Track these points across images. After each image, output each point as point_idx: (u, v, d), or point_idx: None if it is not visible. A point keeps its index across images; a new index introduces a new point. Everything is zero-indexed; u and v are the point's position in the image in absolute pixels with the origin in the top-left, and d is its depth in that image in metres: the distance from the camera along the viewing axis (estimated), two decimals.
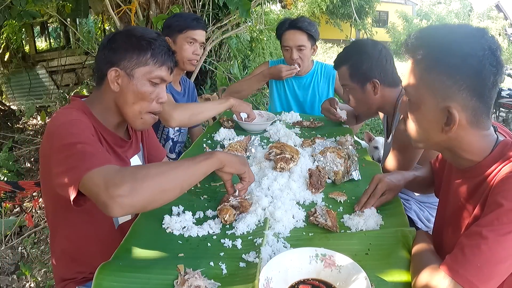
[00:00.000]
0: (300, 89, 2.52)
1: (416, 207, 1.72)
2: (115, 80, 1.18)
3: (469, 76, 0.86)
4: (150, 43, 1.19)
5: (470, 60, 0.85)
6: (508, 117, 6.17)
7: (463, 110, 0.88)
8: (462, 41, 0.88)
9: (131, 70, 1.18)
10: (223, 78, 4.96)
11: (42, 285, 2.36)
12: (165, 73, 1.22)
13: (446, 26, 0.94)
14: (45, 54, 7.35)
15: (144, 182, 0.88)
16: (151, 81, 1.20)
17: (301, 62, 2.33)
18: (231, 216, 1.15)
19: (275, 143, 1.58)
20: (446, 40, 0.89)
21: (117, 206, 0.84)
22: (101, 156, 0.98)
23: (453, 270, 0.81)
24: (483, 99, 0.88)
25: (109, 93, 1.20)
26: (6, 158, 3.91)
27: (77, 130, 1.05)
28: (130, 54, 1.17)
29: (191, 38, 1.99)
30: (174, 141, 2.18)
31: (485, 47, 0.86)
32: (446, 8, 25.43)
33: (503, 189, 0.83)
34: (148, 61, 1.19)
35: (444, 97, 0.89)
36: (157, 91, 1.22)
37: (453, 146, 0.95)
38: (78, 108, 1.20)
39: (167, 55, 1.22)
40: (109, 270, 0.91)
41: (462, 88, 0.87)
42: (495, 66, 0.86)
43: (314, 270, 0.92)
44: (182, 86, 2.21)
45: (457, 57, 0.86)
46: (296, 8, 11.49)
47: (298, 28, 2.27)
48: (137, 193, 0.86)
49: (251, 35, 5.64)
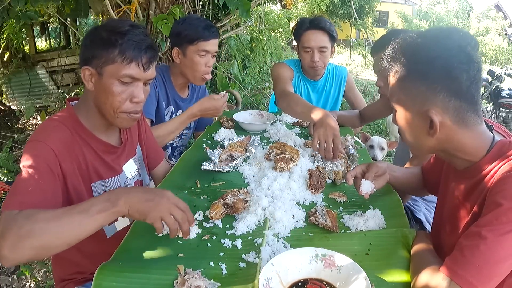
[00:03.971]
0: (314, 93, 2.43)
1: (425, 209, 1.72)
2: (89, 79, 1.13)
3: (440, 78, 0.88)
4: (119, 38, 1.09)
5: (436, 63, 0.87)
6: (508, 117, 6.16)
7: (444, 112, 0.89)
8: (428, 45, 0.90)
9: (100, 69, 1.10)
10: (223, 78, 4.96)
11: (42, 285, 2.36)
12: (135, 70, 1.11)
13: (418, 33, 0.95)
14: (45, 54, 7.33)
15: (27, 239, 0.84)
16: (120, 80, 1.11)
17: (322, 64, 2.21)
18: (218, 214, 1.15)
19: (275, 143, 1.58)
20: (414, 47, 0.92)
21: (3, 259, 0.84)
22: (25, 196, 0.97)
23: (453, 270, 0.81)
24: (463, 97, 0.89)
25: (89, 93, 1.16)
26: (6, 158, 3.90)
27: (33, 154, 1.04)
28: (99, 51, 1.10)
29: (203, 49, 1.82)
30: (173, 147, 2.15)
31: (450, 47, 0.87)
32: (445, 8, 25.43)
33: (502, 188, 0.83)
34: (115, 58, 1.09)
35: (423, 102, 0.91)
36: (129, 91, 1.13)
37: (446, 148, 0.95)
38: (64, 118, 1.16)
39: (137, 50, 1.10)
40: (109, 270, 0.91)
41: (437, 90, 0.88)
42: (465, 63, 0.86)
43: (314, 270, 0.92)
44: (190, 91, 2.11)
45: (424, 62, 0.89)
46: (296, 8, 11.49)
47: (321, 29, 2.13)
48: (18, 250, 0.84)
49: (251, 35, 5.65)
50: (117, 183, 1.29)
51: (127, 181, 1.34)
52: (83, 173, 1.18)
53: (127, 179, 1.34)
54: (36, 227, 0.85)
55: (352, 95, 2.49)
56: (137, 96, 1.15)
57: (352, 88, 2.49)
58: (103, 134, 1.24)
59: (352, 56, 13.96)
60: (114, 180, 1.28)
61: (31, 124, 5.87)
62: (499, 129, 1.04)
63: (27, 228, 0.85)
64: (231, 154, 1.56)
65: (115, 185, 1.28)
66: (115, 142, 1.29)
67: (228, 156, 1.55)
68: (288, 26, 8.52)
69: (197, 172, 1.46)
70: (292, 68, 2.30)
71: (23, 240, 0.84)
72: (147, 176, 1.50)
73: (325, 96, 2.44)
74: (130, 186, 1.24)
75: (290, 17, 9.14)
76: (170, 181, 1.42)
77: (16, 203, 0.94)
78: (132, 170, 1.38)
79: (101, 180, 1.24)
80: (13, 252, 0.84)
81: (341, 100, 2.53)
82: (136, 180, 1.40)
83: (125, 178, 1.33)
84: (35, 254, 0.87)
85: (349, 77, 2.49)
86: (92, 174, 1.21)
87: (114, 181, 1.28)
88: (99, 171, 1.23)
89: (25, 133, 5.44)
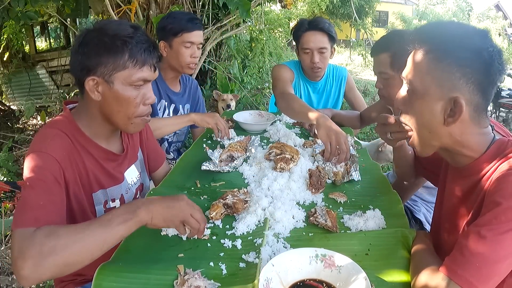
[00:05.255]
0: (314, 94, 2.43)
1: (424, 209, 1.72)
2: (94, 89, 1.08)
3: (479, 70, 0.87)
4: (126, 42, 1.05)
5: (482, 55, 0.86)
6: (508, 117, 6.16)
7: (467, 104, 0.88)
8: (473, 36, 0.89)
9: (109, 76, 1.06)
10: (223, 78, 4.97)
11: (42, 285, 2.36)
12: (148, 73, 1.10)
13: (455, 22, 0.96)
14: (45, 54, 7.34)
15: (49, 257, 0.82)
16: (134, 85, 1.09)
17: (322, 65, 2.21)
18: (218, 215, 1.15)
19: (275, 143, 1.59)
20: (457, 33, 0.90)
21: (23, 279, 0.81)
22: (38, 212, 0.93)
23: (452, 270, 0.80)
24: (485, 95, 0.89)
25: (92, 102, 1.11)
26: (6, 158, 3.91)
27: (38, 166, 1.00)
28: (105, 58, 1.05)
29: (187, 41, 1.89)
30: (169, 142, 2.16)
31: (493, 44, 0.87)
32: (444, 8, 25.46)
33: (501, 187, 0.83)
34: (126, 63, 1.06)
35: (451, 88, 0.88)
36: (142, 93, 1.12)
37: (452, 142, 0.93)
38: (63, 124, 1.12)
39: (147, 52, 1.08)
40: (109, 270, 0.91)
41: (470, 81, 0.87)
42: (501, 64, 0.87)
43: (314, 271, 0.92)
44: (182, 86, 2.14)
45: (469, 50, 0.87)
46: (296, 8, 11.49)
47: (320, 29, 2.13)
48: (40, 269, 0.81)
49: (250, 35, 5.65)
50: (119, 191, 1.27)
51: (129, 187, 1.32)
52: (84, 181, 1.15)
53: (129, 186, 1.32)
54: (59, 244, 0.83)
55: (352, 95, 2.49)
56: (150, 97, 1.14)
57: (352, 89, 2.49)
58: (104, 142, 1.21)
59: (352, 56, 13.95)
60: (115, 189, 1.26)
61: (31, 124, 5.87)
62: (499, 129, 1.04)
63: (50, 245, 0.82)
64: (231, 154, 1.56)
65: (116, 193, 1.26)
66: (116, 149, 1.26)
67: (228, 156, 1.55)
68: (288, 26, 8.52)
69: (197, 172, 1.46)
70: (292, 69, 2.30)
71: (46, 258, 0.81)
72: (147, 179, 1.48)
73: (325, 97, 2.44)
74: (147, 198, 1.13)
75: (290, 17, 9.15)
76: (170, 181, 1.41)
77: (31, 220, 0.90)
78: (134, 176, 1.35)
79: (103, 189, 1.22)
80: (35, 271, 0.81)
81: (341, 100, 2.52)
82: (138, 186, 1.38)
83: (127, 185, 1.31)
84: (57, 272, 0.84)
85: (349, 78, 2.49)
86: (93, 183, 1.18)
87: (115, 189, 1.26)
88: (100, 180, 1.21)
89: (25, 133, 5.44)
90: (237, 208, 1.17)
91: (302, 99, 2.40)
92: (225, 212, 1.18)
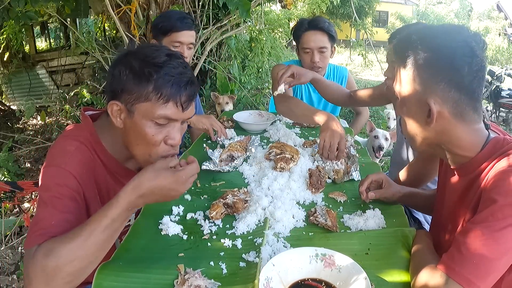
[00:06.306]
0: (315, 93, 2.42)
1: None
2: (117, 115, 0.98)
3: (443, 67, 0.89)
4: (153, 72, 0.92)
5: (441, 52, 0.88)
6: (508, 117, 6.17)
7: (444, 102, 0.90)
8: (436, 35, 0.91)
9: (131, 106, 0.95)
10: (222, 78, 4.97)
11: None
12: (172, 111, 0.95)
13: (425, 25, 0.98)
14: (45, 54, 7.33)
15: (56, 277, 0.80)
16: (155, 121, 0.96)
17: (322, 65, 2.20)
18: (218, 214, 1.15)
19: (275, 143, 1.59)
20: (422, 36, 0.93)
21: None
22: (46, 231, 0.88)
23: (450, 268, 0.81)
24: (463, 90, 0.89)
25: (116, 125, 1.01)
26: (6, 158, 3.91)
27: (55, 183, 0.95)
28: (130, 85, 0.94)
29: (176, 41, 1.85)
30: None
31: (457, 39, 0.88)
32: (446, 8, 25.46)
33: (497, 185, 0.83)
34: (149, 95, 0.93)
35: (424, 90, 0.91)
36: (165, 131, 0.98)
37: (443, 141, 0.95)
38: (84, 137, 1.04)
39: (176, 86, 0.93)
40: (109, 270, 0.91)
41: (438, 80, 0.89)
42: (468, 56, 0.87)
43: (314, 270, 0.92)
44: None
45: (430, 50, 0.90)
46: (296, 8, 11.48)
47: (320, 29, 2.14)
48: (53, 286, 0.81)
49: (250, 35, 5.65)
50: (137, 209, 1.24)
51: None
52: (103, 199, 1.09)
53: None
54: (60, 262, 0.81)
55: None
56: (173, 138, 0.99)
57: (352, 88, 2.49)
58: (125, 160, 1.13)
59: (352, 56, 13.95)
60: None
61: (31, 124, 5.87)
62: (495, 128, 1.04)
63: (52, 266, 0.80)
64: (231, 154, 1.56)
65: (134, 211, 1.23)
66: (135, 167, 1.18)
67: (228, 156, 1.56)
68: (288, 26, 8.52)
69: None
70: None
71: (54, 279, 0.80)
72: None
73: None
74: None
75: (290, 17, 9.14)
76: None
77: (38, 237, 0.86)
78: None
79: None
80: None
81: None
82: None
83: None
84: (70, 284, 0.84)
85: (350, 77, 2.50)
86: None
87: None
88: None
89: (25, 133, 5.44)
90: (237, 208, 1.17)
91: (302, 99, 2.41)
92: (225, 212, 1.18)
